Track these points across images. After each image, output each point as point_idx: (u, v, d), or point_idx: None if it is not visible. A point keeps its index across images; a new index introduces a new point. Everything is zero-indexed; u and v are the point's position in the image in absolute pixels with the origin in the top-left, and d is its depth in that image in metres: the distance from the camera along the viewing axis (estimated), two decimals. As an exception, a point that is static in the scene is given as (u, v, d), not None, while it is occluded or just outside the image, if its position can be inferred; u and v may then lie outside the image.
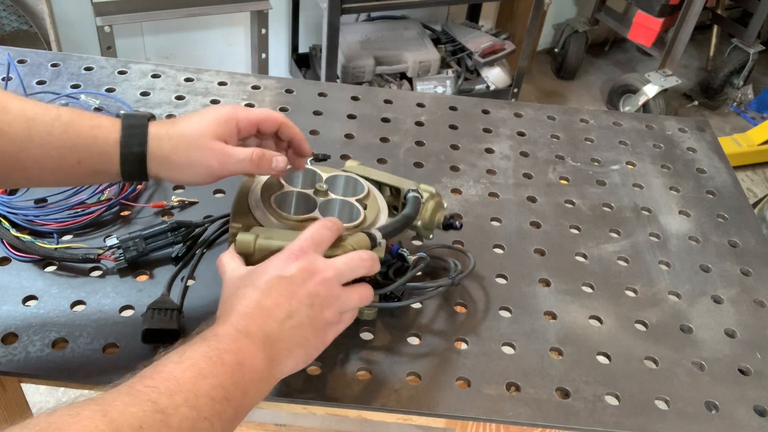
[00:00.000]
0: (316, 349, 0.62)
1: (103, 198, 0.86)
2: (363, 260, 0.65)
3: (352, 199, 0.78)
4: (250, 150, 0.68)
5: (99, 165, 0.66)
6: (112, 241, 0.78)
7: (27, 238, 0.79)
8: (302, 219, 0.73)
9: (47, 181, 0.69)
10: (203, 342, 0.55)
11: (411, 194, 0.78)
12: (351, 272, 0.64)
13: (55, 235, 0.81)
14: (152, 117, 0.68)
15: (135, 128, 0.66)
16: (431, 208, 0.79)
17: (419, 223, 0.79)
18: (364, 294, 0.66)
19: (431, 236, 0.82)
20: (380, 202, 0.79)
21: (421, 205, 0.78)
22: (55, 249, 0.79)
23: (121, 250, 0.78)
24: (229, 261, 0.66)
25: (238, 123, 0.70)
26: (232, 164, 0.68)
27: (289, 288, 0.61)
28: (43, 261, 0.79)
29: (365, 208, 0.77)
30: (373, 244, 0.69)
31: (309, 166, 0.80)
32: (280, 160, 0.70)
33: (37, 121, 0.63)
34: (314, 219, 0.73)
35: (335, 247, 0.67)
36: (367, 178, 0.81)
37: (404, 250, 0.80)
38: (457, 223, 0.81)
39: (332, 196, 0.78)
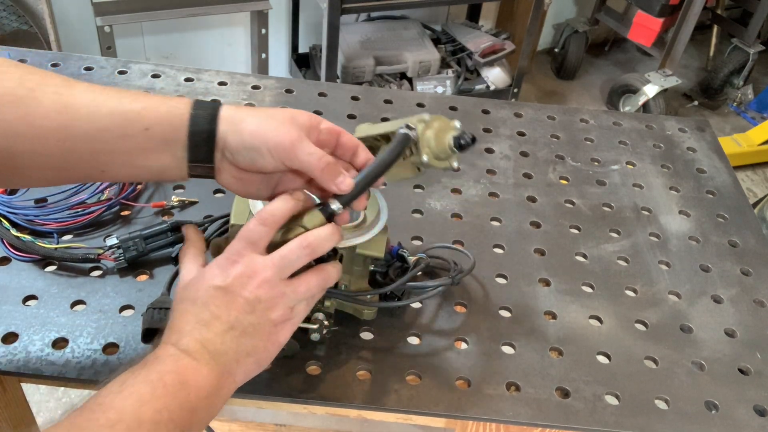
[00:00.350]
0: (267, 353, 0.60)
1: (103, 198, 0.86)
2: (303, 248, 0.60)
3: None
4: (322, 152, 0.62)
5: (168, 132, 0.61)
6: (112, 241, 0.78)
7: (27, 238, 0.79)
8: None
9: (110, 163, 0.62)
10: (144, 367, 0.54)
11: (399, 132, 0.67)
12: (291, 264, 0.60)
13: (55, 235, 0.81)
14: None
15: (207, 102, 0.62)
16: (433, 135, 0.68)
17: (426, 158, 0.68)
18: (313, 282, 0.62)
19: (455, 164, 0.70)
20: (380, 201, 0.79)
21: (415, 140, 0.67)
22: (55, 249, 0.79)
23: (121, 250, 0.78)
24: (184, 265, 0.63)
25: (320, 128, 0.64)
26: (301, 153, 0.61)
27: (226, 298, 0.58)
28: (43, 261, 0.79)
29: (365, 208, 0.77)
30: (330, 218, 0.64)
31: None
32: (347, 181, 0.63)
33: (105, 93, 0.59)
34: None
35: (288, 230, 0.63)
36: (376, 137, 0.73)
37: (404, 250, 0.80)
38: (467, 137, 0.68)
39: None
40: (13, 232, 0.79)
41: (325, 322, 0.71)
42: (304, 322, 0.70)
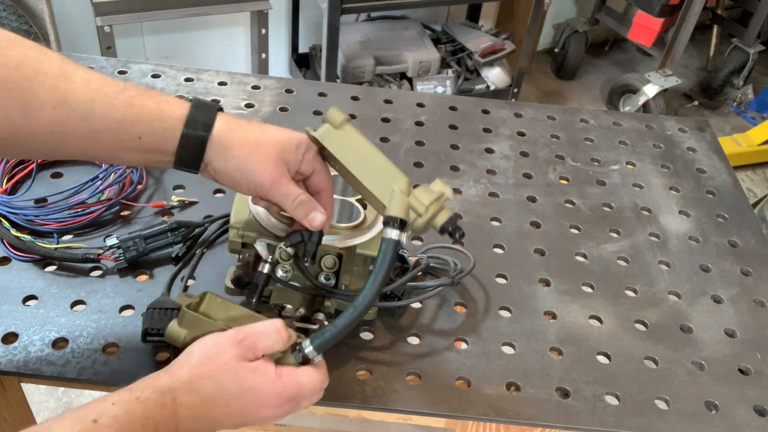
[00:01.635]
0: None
1: (103, 198, 0.86)
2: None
3: (352, 199, 0.77)
4: (299, 191, 0.66)
5: (159, 143, 0.63)
6: (112, 241, 0.78)
7: (27, 238, 0.79)
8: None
9: (101, 155, 0.66)
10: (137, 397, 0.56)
11: (385, 237, 0.64)
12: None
13: (55, 235, 0.81)
14: (221, 109, 0.66)
15: (205, 108, 0.63)
16: (423, 223, 0.66)
17: (404, 239, 0.67)
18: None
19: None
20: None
21: (410, 224, 0.66)
22: (55, 249, 0.79)
23: (121, 250, 0.78)
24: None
25: (305, 154, 0.67)
26: (277, 194, 0.65)
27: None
28: (43, 261, 0.79)
29: (365, 208, 0.77)
30: (304, 362, 0.63)
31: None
32: (319, 217, 0.66)
33: (101, 93, 0.60)
34: None
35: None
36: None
37: (404, 250, 0.80)
38: (454, 228, 0.67)
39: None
40: (13, 232, 0.79)
41: (325, 322, 0.71)
42: (303, 322, 0.70)
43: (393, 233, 0.64)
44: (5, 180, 0.87)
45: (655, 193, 1.03)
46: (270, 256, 0.70)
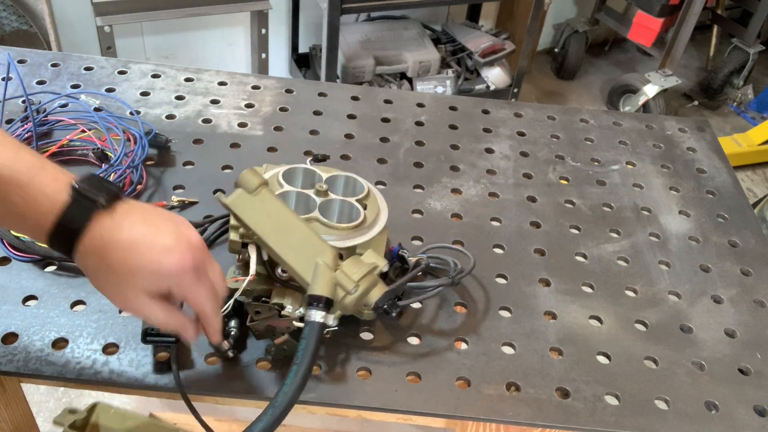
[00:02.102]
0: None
1: (103, 198, 0.85)
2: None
3: (352, 199, 0.78)
4: (166, 318, 0.61)
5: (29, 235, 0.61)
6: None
7: (27, 238, 0.79)
8: (303, 219, 0.72)
9: None
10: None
11: (308, 320, 0.61)
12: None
13: (55, 235, 0.81)
14: (113, 199, 0.58)
15: (67, 233, 0.57)
16: (354, 301, 0.64)
17: (334, 321, 0.65)
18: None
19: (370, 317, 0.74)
20: (380, 202, 0.79)
21: (338, 302, 0.63)
22: (55, 249, 0.79)
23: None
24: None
25: (171, 290, 0.60)
26: (144, 317, 0.62)
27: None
28: (43, 261, 0.79)
29: (365, 208, 0.77)
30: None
31: (309, 166, 0.80)
32: (191, 334, 0.63)
33: None
34: (315, 219, 0.73)
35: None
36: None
37: (405, 251, 0.80)
38: (393, 312, 0.65)
39: (332, 196, 0.78)
40: (13, 232, 0.79)
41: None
42: (303, 322, 0.70)
43: (317, 315, 0.59)
44: (5, 180, 0.87)
45: (655, 193, 1.03)
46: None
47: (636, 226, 0.97)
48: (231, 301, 0.69)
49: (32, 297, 0.75)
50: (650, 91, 2.73)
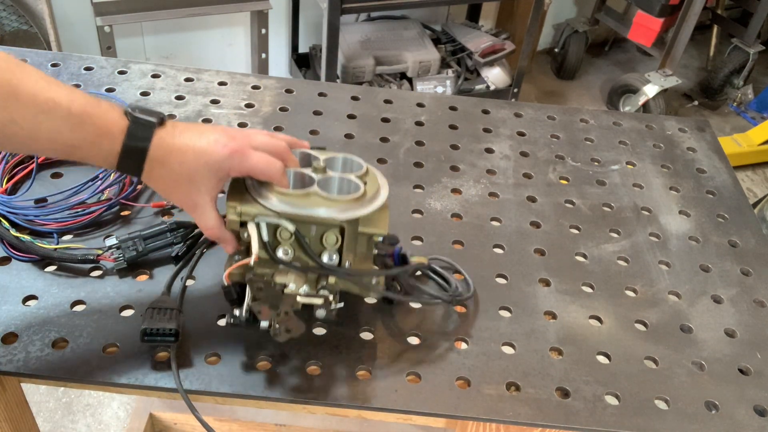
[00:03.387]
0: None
1: (103, 198, 0.86)
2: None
3: (351, 176, 0.75)
4: (219, 228, 0.70)
5: (98, 162, 0.67)
6: (112, 241, 0.79)
7: (27, 238, 0.79)
8: (302, 194, 0.70)
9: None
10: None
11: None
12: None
13: (55, 235, 0.81)
14: (162, 121, 0.67)
15: (136, 151, 0.66)
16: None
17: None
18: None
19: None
20: (380, 178, 0.76)
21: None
22: (55, 249, 0.79)
23: (120, 251, 0.78)
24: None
25: (229, 173, 0.69)
26: (198, 222, 0.70)
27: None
28: (43, 261, 0.79)
29: (365, 185, 0.74)
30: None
31: (306, 150, 0.78)
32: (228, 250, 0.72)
33: (46, 117, 0.62)
34: (314, 193, 0.71)
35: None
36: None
37: (405, 252, 0.78)
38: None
39: (331, 173, 0.75)
40: (13, 232, 0.79)
41: (330, 298, 0.70)
42: (307, 297, 0.70)
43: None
44: (5, 180, 0.87)
45: (655, 193, 1.03)
46: (268, 238, 0.68)
47: (636, 226, 0.97)
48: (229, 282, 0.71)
49: (32, 297, 0.75)
50: (650, 91, 2.73)
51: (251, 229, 0.69)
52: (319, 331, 0.76)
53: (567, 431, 0.72)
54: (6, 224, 0.81)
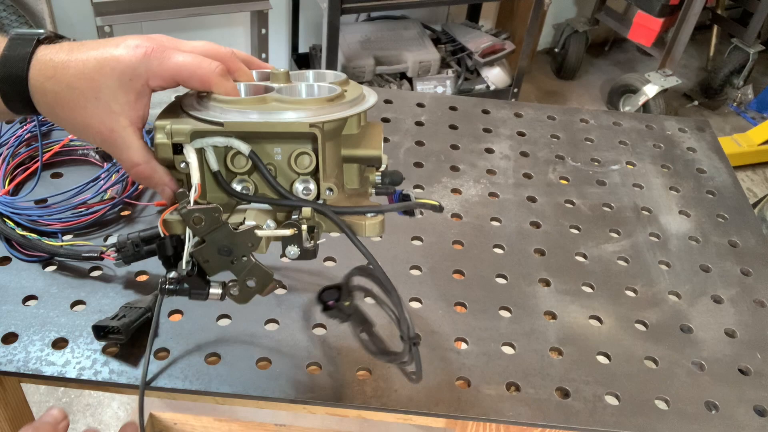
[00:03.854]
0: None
1: (105, 197, 0.86)
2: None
3: (325, 83, 0.59)
4: (147, 162, 0.53)
5: None
6: (113, 240, 0.79)
7: (33, 236, 0.80)
8: (256, 99, 0.53)
9: None
10: None
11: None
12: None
13: (59, 235, 0.81)
14: (54, 38, 0.53)
15: (14, 74, 0.51)
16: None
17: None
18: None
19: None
20: (365, 89, 0.61)
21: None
22: (61, 246, 0.79)
23: (120, 252, 0.78)
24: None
25: (148, 82, 0.53)
26: (119, 158, 0.54)
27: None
28: (43, 261, 0.79)
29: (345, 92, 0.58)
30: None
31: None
32: (165, 196, 0.56)
33: None
34: (274, 99, 0.54)
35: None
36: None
37: (408, 193, 0.65)
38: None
39: (296, 83, 0.60)
40: (19, 231, 0.80)
41: (304, 228, 0.54)
42: (272, 231, 0.54)
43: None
44: (7, 181, 0.87)
45: (655, 193, 1.03)
46: (218, 168, 0.53)
47: (636, 226, 0.97)
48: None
49: (32, 297, 0.75)
50: (650, 91, 2.73)
51: (188, 152, 0.53)
52: (319, 331, 0.76)
53: (567, 431, 0.72)
54: (11, 224, 0.81)
